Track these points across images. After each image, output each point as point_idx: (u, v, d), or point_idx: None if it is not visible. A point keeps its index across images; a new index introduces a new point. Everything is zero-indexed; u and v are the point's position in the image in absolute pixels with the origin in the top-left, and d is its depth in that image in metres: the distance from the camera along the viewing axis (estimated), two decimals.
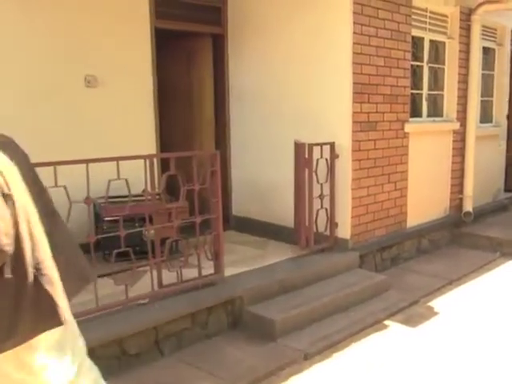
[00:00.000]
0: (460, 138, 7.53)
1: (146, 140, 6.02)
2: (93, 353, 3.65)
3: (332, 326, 4.67)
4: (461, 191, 7.62)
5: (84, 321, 3.79)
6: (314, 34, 5.87)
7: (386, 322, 4.87)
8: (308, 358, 4.18)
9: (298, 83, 6.08)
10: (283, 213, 6.10)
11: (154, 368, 3.96)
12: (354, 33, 5.59)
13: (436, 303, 5.37)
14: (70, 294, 2.32)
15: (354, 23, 5.58)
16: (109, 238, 4.24)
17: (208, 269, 4.64)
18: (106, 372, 3.73)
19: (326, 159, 5.61)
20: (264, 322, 4.49)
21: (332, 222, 5.76)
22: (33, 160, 3.52)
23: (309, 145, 5.45)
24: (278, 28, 6.19)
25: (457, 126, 7.41)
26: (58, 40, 5.33)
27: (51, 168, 3.56)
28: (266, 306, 4.65)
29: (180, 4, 6.26)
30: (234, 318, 4.61)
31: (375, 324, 4.80)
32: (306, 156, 5.45)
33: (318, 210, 5.60)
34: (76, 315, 3.70)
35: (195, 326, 4.34)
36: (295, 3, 6.00)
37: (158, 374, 3.88)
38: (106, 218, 4.89)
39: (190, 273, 4.52)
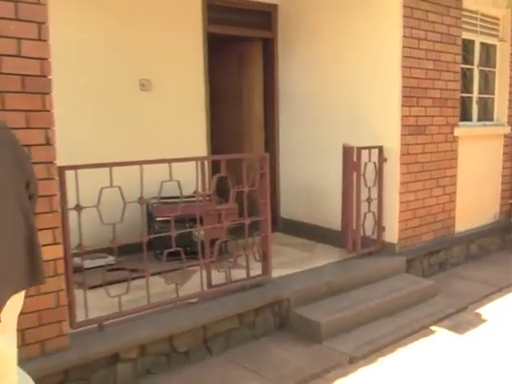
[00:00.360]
0: (511, 143, 7.38)
1: (198, 142, 6.11)
2: (144, 349, 3.78)
3: (378, 330, 4.62)
4: (511, 196, 7.48)
5: (136, 318, 3.91)
6: (363, 37, 5.83)
7: (433, 328, 4.80)
8: (353, 361, 4.15)
9: (347, 86, 6.04)
10: (330, 216, 6.09)
11: (203, 366, 4.00)
12: (404, 36, 5.53)
13: (484, 310, 5.25)
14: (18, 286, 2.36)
15: (404, 26, 5.53)
16: (160, 238, 4.30)
17: (256, 270, 4.67)
18: (155, 368, 3.85)
19: (374, 163, 5.58)
20: (310, 324, 4.48)
21: (379, 226, 5.72)
22: (90, 161, 3.69)
23: (357, 148, 5.42)
24: (327, 32, 6.18)
25: (508, 130, 7.25)
26: (115, 45, 5.47)
27: (107, 169, 3.66)
28: (312, 308, 4.65)
29: (231, 9, 6.35)
30: (281, 319, 4.62)
31: (422, 330, 4.73)
32: (355, 159, 5.43)
33: (365, 214, 5.56)
34: (128, 312, 3.86)
35: (243, 326, 4.37)
36: (345, 7, 5.97)
37: (206, 373, 3.92)
38: (158, 218, 4.98)
39: (238, 273, 4.56)
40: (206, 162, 4.37)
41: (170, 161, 3.98)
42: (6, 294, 2.27)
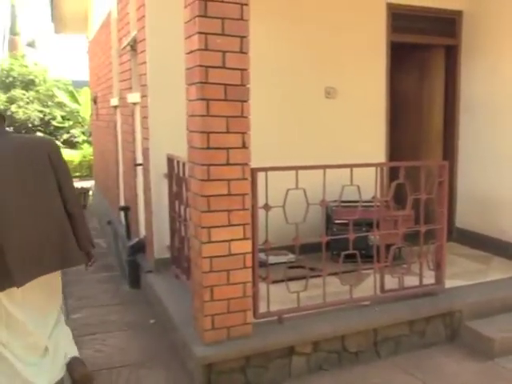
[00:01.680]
0: None
1: (376, 149, 6.10)
2: (317, 345, 3.90)
3: None
4: None
5: (311, 314, 4.03)
6: None
7: None
8: None
9: None
10: (509, 228, 5.77)
11: (370, 368, 4.00)
12: None
13: None
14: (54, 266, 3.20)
15: None
16: (337, 240, 4.37)
17: (428, 278, 4.53)
18: (327, 364, 3.95)
19: None
20: (482, 339, 4.27)
21: None
22: (276, 163, 3.86)
23: None
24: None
25: None
26: (302, 54, 5.65)
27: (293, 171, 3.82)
28: (485, 323, 4.41)
29: (415, 17, 6.24)
30: (452, 330, 4.46)
31: None
32: None
33: None
34: (305, 308, 4.00)
35: (413, 333, 4.28)
36: None
37: (373, 374, 3.91)
38: (337, 221, 5.08)
39: (410, 280, 4.47)
40: (384, 169, 4.38)
41: (351, 166, 4.02)
42: (32, 275, 3.07)
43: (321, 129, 5.82)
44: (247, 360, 3.64)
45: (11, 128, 20.96)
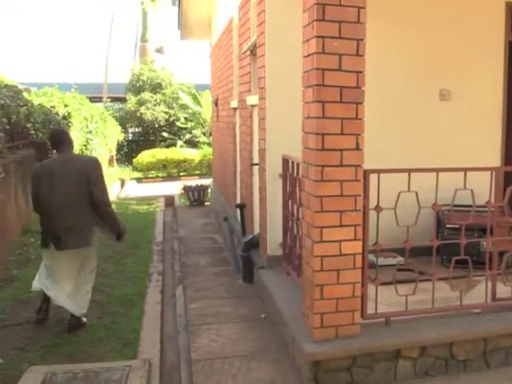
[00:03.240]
0: None
1: (492, 152, 5.65)
2: (424, 350, 3.66)
3: None
4: None
5: (419, 319, 3.80)
6: None
7: None
8: None
9: None
10: None
11: (479, 378, 3.69)
12: None
13: None
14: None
15: None
16: (448, 244, 4.11)
17: None
18: (433, 371, 3.69)
19: None
20: None
21: None
22: (388, 165, 3.68)
23: None
24: None
25: None
26: (416, 56, 5.36)
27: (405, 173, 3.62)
28: None
29: None
30: None
31: None
32: None
33: None
34: (413, 312, 3.76)
35: None
36: None
37: None
38: (448, 225, 4.77)
39: None
40: (500, 173, 4.03)
41: (465, 169, 3.76)
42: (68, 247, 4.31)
43: (434, 131, 5.49)
44: (353, 360, 3.49)
45: (140, 128, 22.11)
